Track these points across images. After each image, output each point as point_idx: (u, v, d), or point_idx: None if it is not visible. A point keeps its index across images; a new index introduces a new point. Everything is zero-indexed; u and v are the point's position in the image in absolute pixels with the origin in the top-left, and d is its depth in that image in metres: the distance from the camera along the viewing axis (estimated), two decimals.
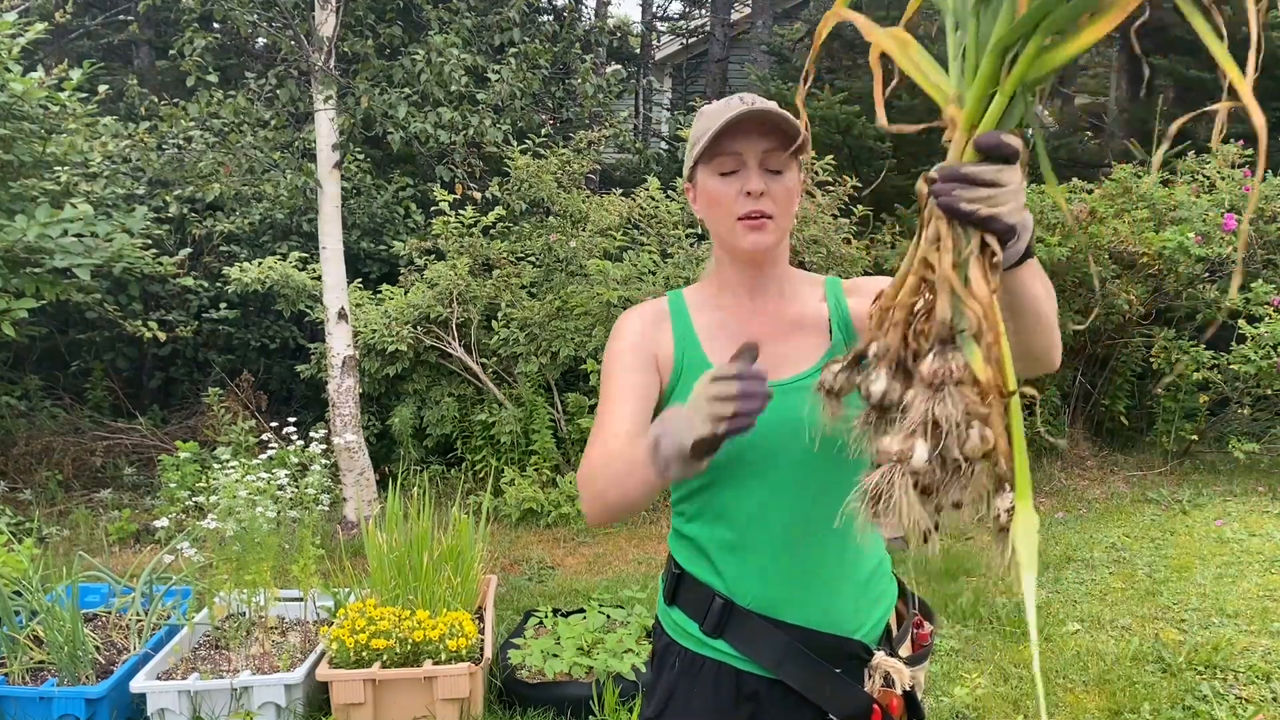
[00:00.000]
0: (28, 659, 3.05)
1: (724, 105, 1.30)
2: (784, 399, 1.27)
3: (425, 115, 5.48)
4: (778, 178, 1.30)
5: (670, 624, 1.41)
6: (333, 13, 5.15)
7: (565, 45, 7.74)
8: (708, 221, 1.36)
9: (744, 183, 1.29)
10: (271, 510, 3.33)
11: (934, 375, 0.86)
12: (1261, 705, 3.09)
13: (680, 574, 1.39)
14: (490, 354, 6.16)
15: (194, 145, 5.76)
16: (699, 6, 13.28)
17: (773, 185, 1.29)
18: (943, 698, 3.19)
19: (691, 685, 1.35)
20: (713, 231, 1.37)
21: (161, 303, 7.23)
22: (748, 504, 1.31)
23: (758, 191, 1.28)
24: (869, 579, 1.36)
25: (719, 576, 1.34)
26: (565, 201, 6.13)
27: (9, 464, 6.18)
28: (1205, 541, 4.77)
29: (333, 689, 2.93)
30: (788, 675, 1.29)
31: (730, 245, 1.34)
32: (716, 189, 1.31)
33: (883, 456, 0.88)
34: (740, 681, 1.32)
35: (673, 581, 1.40)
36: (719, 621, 1.32)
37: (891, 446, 0.87)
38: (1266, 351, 5.54)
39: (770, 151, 1.29)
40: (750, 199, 1.28)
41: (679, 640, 1.38)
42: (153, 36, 8.91)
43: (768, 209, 1.29)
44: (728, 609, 1.32)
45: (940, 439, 0.85)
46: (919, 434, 0.85)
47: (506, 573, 4.60)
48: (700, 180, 1.34)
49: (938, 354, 0.87)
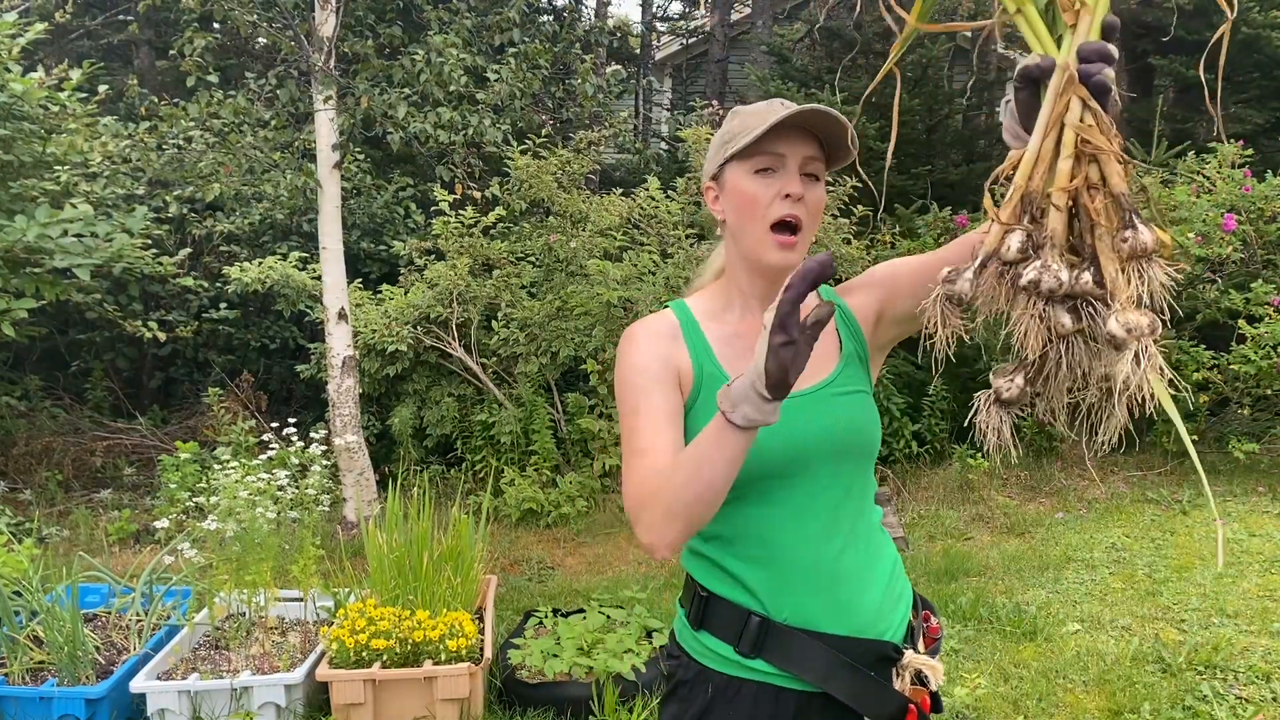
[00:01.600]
0: (28, 659, 3.05)
1: (765, 107, 1.25)
2: (809, 408, 1.27)
3: (425, 115, 5.47)
4: (813, 186, 1.25)
5: (699, 650, 1.32)
6: (333, 13, 5.15)
7: (565, 45, 7.74)
8: (732, 224, 1.28)
9: (783, 184, 1.22)
10: (272, 511, 3.33)
11: (1154, 243, 0.85)
12: (1261, 705, 3.09)
13: (708, 596, 1.31)
14: (490, 354, 6.16)
15: (194, 145, 5.76)
16: (699, 6, 13.28)
17: (809, 193, 1.24)
18: (943, 698, 3.19)
19: (728, 711, 1.28)
20: (735, 236, 1.29)
21: (161, 303, 7.23)
22: (778, 516, 1.26)
23: (797, 195, 1.22)
24: (890, 578, 1.34)
25: (750, 594, 1.27)
26: (565, 202, 6.13)
27: (9, 464, 6.19)
28: (1205, 541, 4.77)
29: (333, 689, 2.93)
30: (835, 688, 1.25)
31: (754, 255, 1.26)
32: (751, 189, 1.24)
33: (1134, 333, 0.85)
34: (780, 700, 1.27)
35: (699, 605, 1.32)
36: (756, 640, 1.26)
37: (1140, 320, 0.84)
38: (1266, 351, 5.54)
39: (812, 159, 1.24)
40: (789, 202, 1.22)
41: (712, 666, 1.30)
42: (153, 36, 8.91)
43: (802, 216, 1.23)
44: (764, 627, 1.26)
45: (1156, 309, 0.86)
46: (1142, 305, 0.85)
47: (506, 573, 4.60)
48: (730, 178, 1.27)
49: (1140, 224, 0.86)
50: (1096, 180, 0.88)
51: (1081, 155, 0.88)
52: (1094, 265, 0.87)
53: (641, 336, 1.31)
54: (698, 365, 1.29)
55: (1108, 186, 0.87)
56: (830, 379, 1.30)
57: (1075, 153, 0.88)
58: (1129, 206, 0.86)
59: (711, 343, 1.31)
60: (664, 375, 1.27)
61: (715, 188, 1.31)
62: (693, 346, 1.31)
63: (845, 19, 8.57)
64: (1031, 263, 0.88)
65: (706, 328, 1.33)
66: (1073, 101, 0.88)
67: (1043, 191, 0.90)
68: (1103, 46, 0.88)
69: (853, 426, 1.29)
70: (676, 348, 1.30)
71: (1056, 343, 0.89)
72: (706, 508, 1.12)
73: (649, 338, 1.31)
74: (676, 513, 1.12)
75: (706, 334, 1.32)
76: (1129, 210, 0.86)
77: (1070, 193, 0.89)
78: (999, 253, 0.90)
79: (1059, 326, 0.88)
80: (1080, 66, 0.88)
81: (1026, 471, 6.08)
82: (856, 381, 1.32)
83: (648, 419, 1.24)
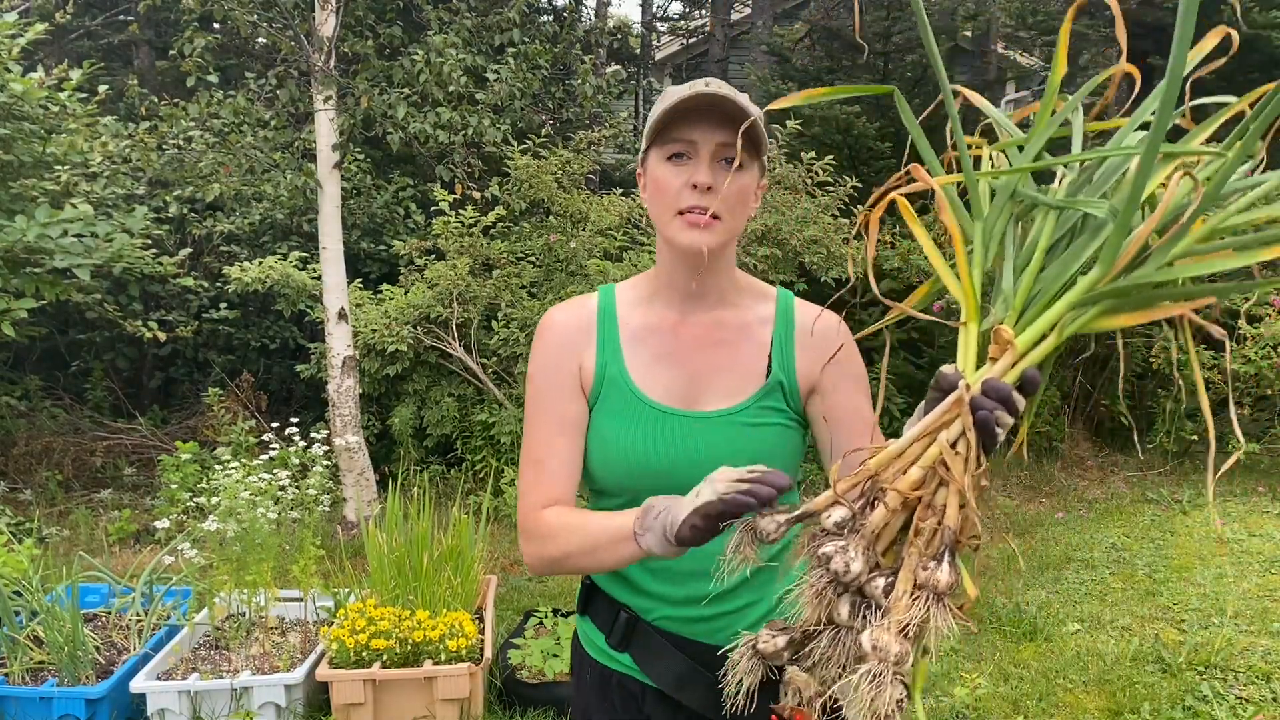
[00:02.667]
0: (28, 659, 3.05)
1: (687, 87, 1.18)
2: (710, 433, 1.23)
3: (425, 115, 5.48)
4: (729, 173, 1.17)
5: (582, 634, 1.39)
6: (333, 13, 5.15)
7: (565, 46, 7.73)
8: (651, 210, 1.24)
9: (691, 173, 1.16)
10: (272, 511, 3.33)
11: (947, 586, 0.85)
12: (1261, 705, 3.09)
13: (590, 585, 1.36)
14: (490, 354, 6.16)
15: (194, 145, 5.76)
16: (699, 7, 13.28)
17: (723, 181, 1.16)
18: (943, 698, 3.19)
19: (602, 700, 1.33)
20: (654, 223, 1.25)
21: (161, 303, 7.23)
22: None
23: (704, 185, 1.15)
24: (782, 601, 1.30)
25: (633, 591, 1.30)
26: (565, 201, 6.13)
27: (9, 464, 6.18)
28: (1205, 542, 4.77)
29: (333, 689, 2.93)
30: (687, 697, 1.26)
31: (667, 238, 1.21)
32: (662, 176, 1.19)
33: (878, 654, 0.84)
34: (645, 698, 1.30)
35: (584, 592, 1.37)
36: (624, 636, 1.30)
37: (893, 646, 0.84)
38: (1266, 351, 5.54)
39: (727, 144, 1.16)
40: (695, 192, 1.16)
41: (590, 652, 1.36)
42: (153, 36, 8.91)
43: (714, 207, 1.16)
44: (632, 623, 1.29)
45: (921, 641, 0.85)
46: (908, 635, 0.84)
47: (506, 573, 4.60)
48: (650, 165, 1.22)
49: (947, 563, 0.86)
50: (939, 505, 0.88)
51: (936, 473, 0.88)
52: (895, 576, 0.87)
53: (553, 331, 1.29)
54: (601, 366, 1.26)
55: (943, 515, 0.88)
56: (743, 405, 1.25)
57: (931, 468, 0.89)
58: (948, 543, 0.86)
59: (623, 340, 1.28)
60: (565, 382, 1.26)
61: (644, 174, 1.26)
62: (602, 344, 1.28)
63: (845, 19, 8.58)
64: (835, 540, 0.88)
65: (626, 318, 1.29)
66: (955, 423, 0.88)
67: (887, 487, 0.90)
68: (1005, 391, 0.87)
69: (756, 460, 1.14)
70: (585, 345, 1.28)
71: (826, 626, 0.89)
72: (590, 571, 1.24)
73: (560, 333, 1.28)
74: (560, 564, 1.19)
75: (621, 328, 1.28)
76: (947, 547, 0.86)
77: (907, 501, 0.89)
78: (818, 517, 0.90)
79: (835, 612, 0.88)
80: (975, 397, 0.87)
81: (1026, 471, 6.08)
82: (770, 415, 1.26)
83: (544, 428, 1.26)
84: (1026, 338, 0.91)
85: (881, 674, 0.82)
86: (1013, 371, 0.90)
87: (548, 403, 1.26)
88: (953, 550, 0.86)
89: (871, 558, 0.88)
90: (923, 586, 0.85)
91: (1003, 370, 0.90)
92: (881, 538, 0.90)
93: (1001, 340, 0.91)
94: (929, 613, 0.84)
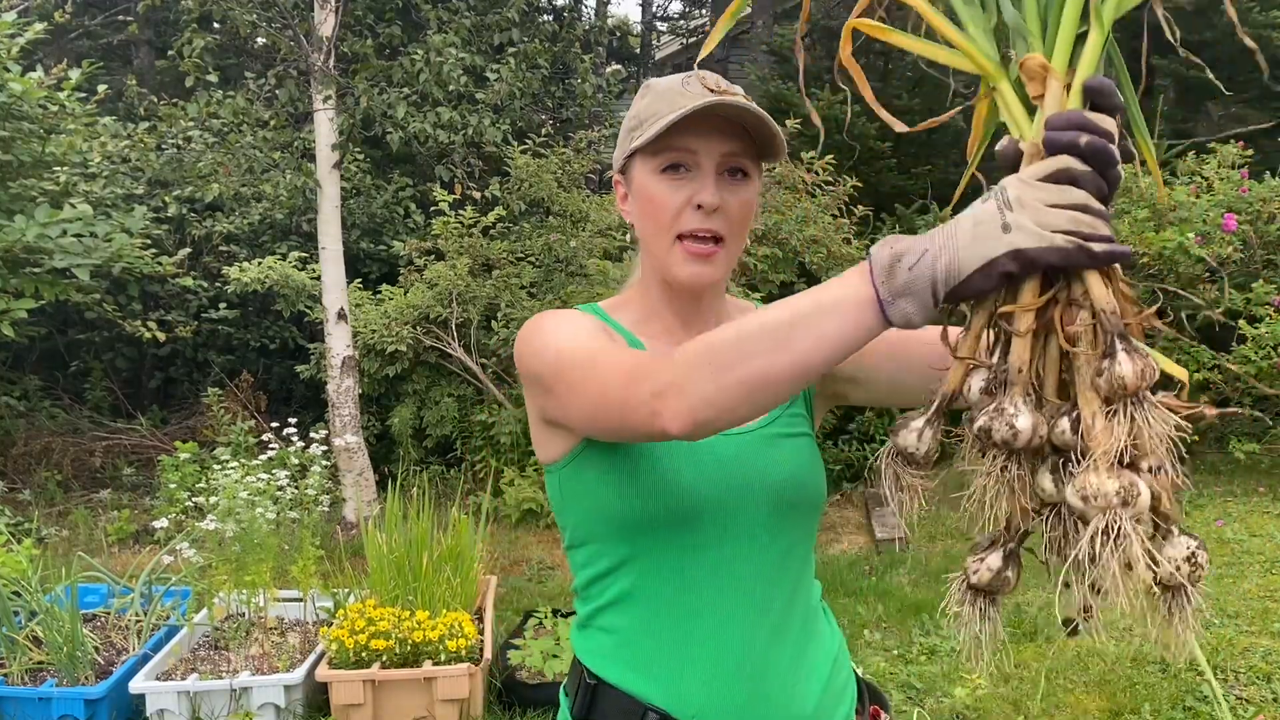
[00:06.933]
0: (27, 659, 3.04)
1: (679, 84, 1.00)
2: (747, 449, 1.04)
3: (424, 115, 5.47)
4: (737, 187, 1.00)
5: None
6: (332, 13, 5.15)
7: (565, 45, 7.74)
8: (639, 230, 1.05)
9: (695, 190, 0.98)
10: (271, 511, 3.33)
11: (1137, 378, 0.65)
12: (1262, 706, 3.08)
13: (596, 684, 1.05)
14: (490, 354, 6.15)
15: (193, 145, 5.77)
16: (699, 6, 13.28)
17: (730, 198, 0.99)
18: (943, 698, 3.19)
19: None
20: (643, 244, 1.06)
21: (161, 303, 7.23)
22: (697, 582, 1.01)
23: (711, 206, 0.97)
24: (833, 671, 1.10)
25: (652, 681, 1.01)
26: (565, 201, 6.13)
27: (8, 464, 6.18)
28: (1206, 542, 4.77)
29: (332, 690, 2.93)
30: None
31: (663, 268, 1.03)
32: (658, 191, 0.99)
33: (1095, 504, 0.65)
34: None
35: (585, 695, 1.05)
36: None
37: (1106, 485, 0.64)
38: (1267, 352, 5.54)
39: (734, 154, 0.99)
40: (700, 214, 0.98)
41: None
42: (152, 36, 8.91)
43: (719, 229, 0.99)
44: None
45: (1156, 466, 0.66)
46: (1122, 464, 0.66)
47: (506, 573, 4.59)
48: (636, 175, 1.02)
49: (1129, 351, 0.66)
50: (1079, 294, 0.69)
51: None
52: (1075, 407, 0.69)
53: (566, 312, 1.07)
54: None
55: (1090, 300, 0.68)
56: (773, 417, 1.06)
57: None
58: (1112, 327, 0.67)
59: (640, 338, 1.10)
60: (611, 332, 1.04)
61: (624, 183, 1.06)
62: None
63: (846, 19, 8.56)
64: (984, 408, 0.70)
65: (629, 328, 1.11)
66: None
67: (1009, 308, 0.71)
68: (1074, 116, 0.70)
69: (798, 475, 1.06)
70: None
71: (1029, 514, 0.71)
72: (761, 392, 0.78)
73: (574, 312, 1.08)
74: (728, 392, 0.78)
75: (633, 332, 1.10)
76: (1111, 332, 0.67)
77: (1041, 312, 0.70)
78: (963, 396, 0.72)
79: (1039, 491, 0.70)
80: (1045, 136, 0.70)
81: None
82: (800, 423, 1.10)
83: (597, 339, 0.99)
84: (1061, 50, 0.74)
85: (1111, 524, 0.64)
86: (1070, 95, 0.73)
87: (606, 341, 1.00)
88: (1123, 335, 0.67)
89: (1041, 404, 0.69)
90: (1111, 397, 0.66)
91: (1056, 101, 0.73)
92: (1046, 373, 0.71)
93: (1034, 71, 0.73)
94: (1134, 423, 0.66)
